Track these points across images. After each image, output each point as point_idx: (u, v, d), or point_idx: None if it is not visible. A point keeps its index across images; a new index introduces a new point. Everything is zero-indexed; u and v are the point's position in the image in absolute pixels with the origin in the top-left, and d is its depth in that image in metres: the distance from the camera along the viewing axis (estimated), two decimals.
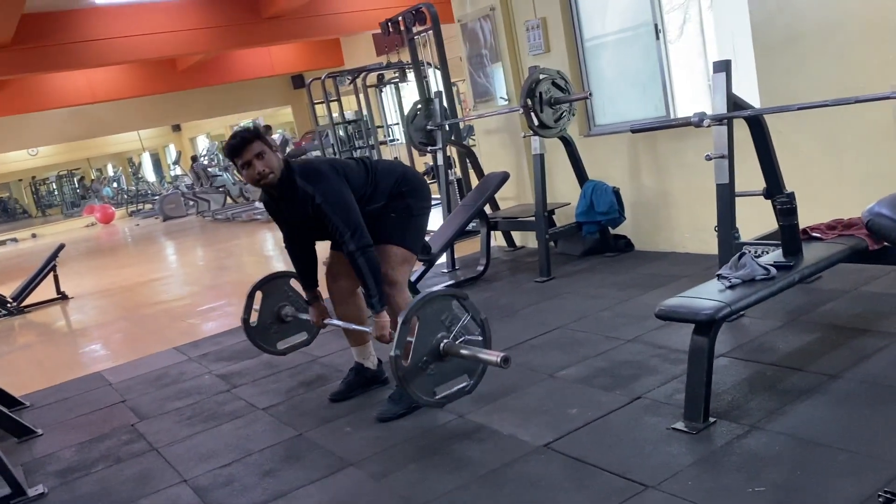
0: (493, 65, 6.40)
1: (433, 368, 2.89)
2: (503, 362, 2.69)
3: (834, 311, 3.67)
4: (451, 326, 2.91)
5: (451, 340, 2.89)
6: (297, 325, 4.07)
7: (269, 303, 3.99)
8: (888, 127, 3.89)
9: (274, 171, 3.18)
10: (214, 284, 8.11)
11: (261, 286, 3.97)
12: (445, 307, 2.92)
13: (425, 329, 2.85)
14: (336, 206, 3.18)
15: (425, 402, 2.90)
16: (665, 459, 2.56)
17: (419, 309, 2.85)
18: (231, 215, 14.47)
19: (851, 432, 2.51)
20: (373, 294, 3.20)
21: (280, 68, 14.26)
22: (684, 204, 5.28)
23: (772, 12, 4.40)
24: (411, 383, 2.84)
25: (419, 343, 2.84)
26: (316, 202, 3.16)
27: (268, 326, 4.02)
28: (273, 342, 4.05)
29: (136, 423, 3.91)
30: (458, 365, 2.95)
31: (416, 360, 2.84)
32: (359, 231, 3.18)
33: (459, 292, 2.98)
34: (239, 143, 3.15)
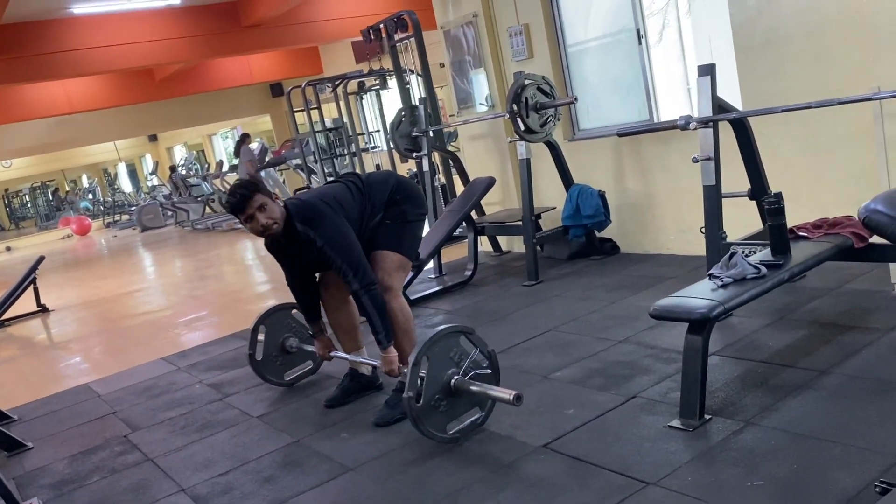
0: (473, 70, 6.45)
1: (445, 405, 2.93)
2: (516, 400, 2.73)
3: (819, 308, 3.74)
4: (460, 362, 2.95)
5: (462, 376, 2.93)
6: (301, 356, 4.11)
7: (273, 336, 4.04)
8: (867, 127, 3.97)
9: (277, 221, 3.23)
10: (197, 294, 8.06)
11: (263, 320, 4.01)
12: (454, 343, 2.96)
13: (435, 367, 2.89)
14: (338, 246, 3.21)
15: (439, 438, 2.93)
16: (663, 457, 2.60)
17: (428, 349, 2.88)
18: (211, 225, 14.38)
19: (844, 426, 2.57)
20: (379, 331, 3.23)
21: (259, 77, 14.21)
22: (668, 206, 5.35)
23: (752, 16, 4.49)
24: (425, 423, 2.87)
25: (430, 382, 2.87)
26: (318, 245, 3.20)
27: (273, 359, 4.05)
28: (280, 374, 4.08)
29: (128, 434, 3.89)
30: (469, 398, 2.99)
31: (428, 399, 2.86)
32: (361, 269, 3.21)
33: (466, 327, 3.02)
34: (239, 200, 3.19)
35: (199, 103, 15.90)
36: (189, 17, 9.42)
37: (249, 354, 4.02)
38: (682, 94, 6.79)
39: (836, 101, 3.33)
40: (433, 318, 4.95)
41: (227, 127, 20.52)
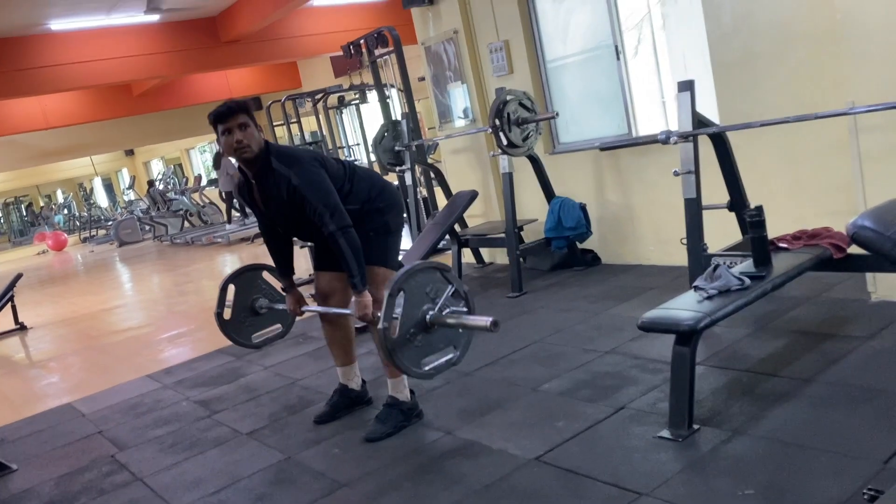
0: (450, 85, 6.51)
1: (420, 340, 2.88)
2: (493, 326, 2.68)
3: (799, 317, 3.82)
4: (435, 298, 2.89)
5: (437, 312, 2.89)
6: (271, 317, 4.01)
7: (243, 296, 3.93)
8: (843, 141, 4.07)
9: (251, 147, 3.14)
10: (179, 310, 8.02)
11: (233, 279, 3.91)
12: (429, 279, 2.91)
13: (411, 301, 2.84)
14: (313, 187, 3.15)
15: (414, 373, 2.88)
16: (655, 467, 2.65)
17: (404, 282, 2.84)
18: (190, 239, 14.30)
19: (830, 433, 2.63)
20: (355, 274, 3.15)
21: (237, 91, 14.18)
22: (648, 218, 5.43)
23: (727, 32, 4.59)
24: (400, 356, 2.82)
25: (406, 315, 2.82)
26: (292, 184, 3.13)
27: (242, 320, 3.94)
28: (247, 335, 3.97)
29: (115, 454, 3.86)
30: (445, 336, 2.93)
31: (403, 333, 2.81)
32: (338, 212, 3.15)
33: (442, 264, 2.98)
34: (225, 110, 3.14)
35: (177, 118, 15.85)
36: (168, 33, 9.42)
37: (217, 314, 3.90)
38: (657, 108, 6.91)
39: (814, 116, 3.43)
40: None
41: (205, 141, 20.42)
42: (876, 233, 1.51)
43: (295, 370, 4.69)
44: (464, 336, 2.99)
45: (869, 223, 1.54)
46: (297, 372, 4.64)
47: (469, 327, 2.90)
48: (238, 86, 14.04)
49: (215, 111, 3.19)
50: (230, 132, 3.13)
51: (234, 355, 5.33)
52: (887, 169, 3.61)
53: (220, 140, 3.21)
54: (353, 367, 3.75)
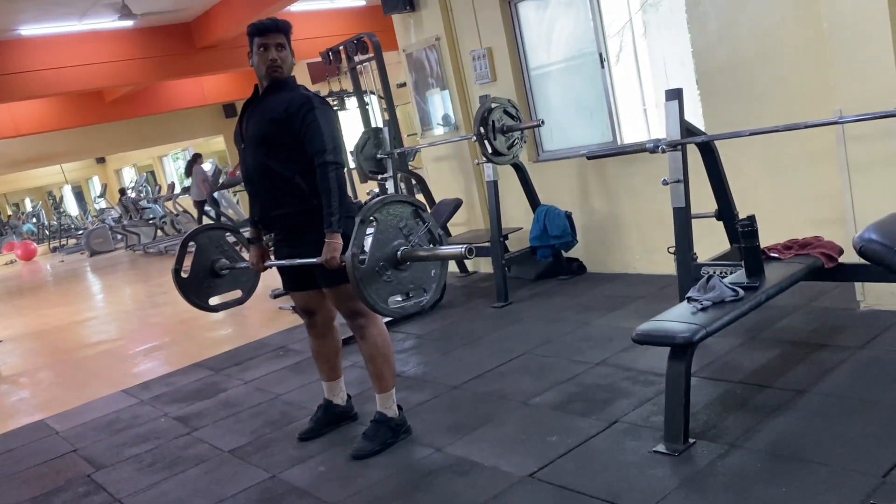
0: (429, 92, 6.46)
1: (390, 276, 2.79)
2: (468, 252, 2.60)
3: (790, 327, 3.80)
4: (408, 236, 2.81)
5: (410, 247, 2.80)
6: (231, 281, 3.84)
7: (203, 255, 3.73)
8: (829, 149, 4.07)
9: (283, 69, 3.12)
10: (154, 322, 7.85)
11: (194, 236, 3.73)
12: (403, 214, 2.82)
13: (383, 233, 2.75)
14: (328, 118, 3.07)
15: (382, 308, 2.78)
16: (651, 483, 2.59)
17: (377, 210, 2.75)
18: (164, 248, 14.06)
19: (828, 446, 2.59)
20: (333, 212, 3.00)
21: (212, 98, 14.03)
22: (633, 226, 5.41)
23: (712, 41, 4.58)
24: (368, 287, 2.73)
25: (377, 245, 2.73)
26: (312, 104, 3.05)
27: (200, 280, 3.74)
28: (205, 297, 3.79)
29: (92, 474, 3.73)
30: (415, 276, 2.84)
31: (373, 264, 2.72)
32: (339, 149, 3.07)
33: (417, 201, 2.91)
34: (270, 24, 3.11)
35: (150, 125, 15.63)
36: (142, 39, 9.26)
37: (175, 269, 3.69)
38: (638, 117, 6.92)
39: (804, 125, 3.41)
40: (404, 342, 4.89)
41: (178, 148, 20.17)
42: (883, 246, 1.48)
43: (276, 384, 4.59)
44: (435, 280, 2.89)
45: (876, 236, 1.50)
46: (278, 386, 4.53)
47: (442, 257, 2.82)
48: (213, 92, 13.88)
49: (258, 23, 3.14)
50: (266, 48, 3.10)
51: (212, 369, 5.21)
52: (874, 178, 3.61)
53: (254, 54, 3.15)
54: (338, 382, 3.66)
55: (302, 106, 3.07)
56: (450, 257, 2.74)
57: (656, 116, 6.10)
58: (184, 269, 3.75)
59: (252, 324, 6.46)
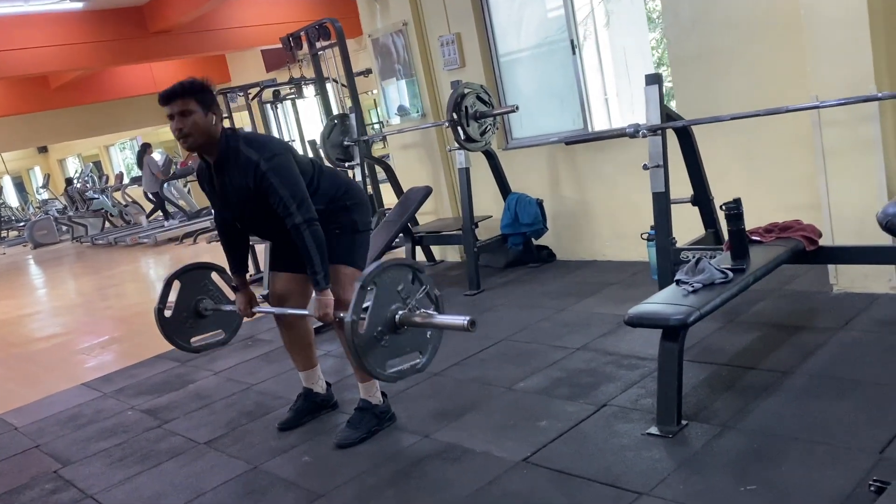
0: (384, 83, 6.39)
1: (387, 340, 2.74)
2: (470, 325, 2.55)
3: (767, 310, 3.85)
4: (406, 299, 2.76)
5: (408, 311, 2.76)
6: (215, 322, 3.76)
7: (187, 295, 3.66)
8: (800, 136, 4.14)
9: (192, 136, 2.94)
10: (107, 315, 7.58)
11: (179, 276, 3.64)
12: (401, 278, 2.77)
13: (381, 299, 2.70)
14: (282, 175, 2.96)
15: (378, 374, 2.74)
16: (649, 465, 2.58)
17: (377, 276, 2.70)
18: (114, 240, 13.65)
19: (820, 425, 2.62)
20: (318, 271, 2.97)
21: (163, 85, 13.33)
22: (604, 213, 5.42)
23: (686, 28, 4.61)
24: (366, 354, 2.68)
25: (375, 312, 2.68)
26: (261, 169, 2.93)
27: (183, 320, 3.67)
28: (187, 337, 3.70)
29: (58, 470, 3.57)
30: (412, 339, 2.81)
31: (371, 331, 2.67)
32: (305, 203, 2.98)
33: (416, 263, 2.86)
34: (168, 93, 2.95)
35: (97, 113, 15.11)
36: (92, 22, 8.92)
37: (158, 309, 3.61)
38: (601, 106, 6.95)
39: (785, 109, 3.45)
40: None
41: (126, 137, 19.58)
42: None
43: (248, 375, 4.46)
44: (431, 342, 2.86)
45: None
46: (250, 377, 4.42)
47: (443, 327, 2.78)
48: (163, 79, 13.41)
49: (162, 92, 2.99)
50: (172, 118, 2.95)
51: (177, 360, 5.05)
52: (848, 162, 3.67)
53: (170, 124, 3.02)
54: (315, 370, 3.57)
55: (255, 174, 2.96)
56: (450, 328, 2.71)
57: (617, 105, 6.14)
58: (167, 307, 3.65)
59: None
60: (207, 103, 2.97)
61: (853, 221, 3.65)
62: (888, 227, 1.57)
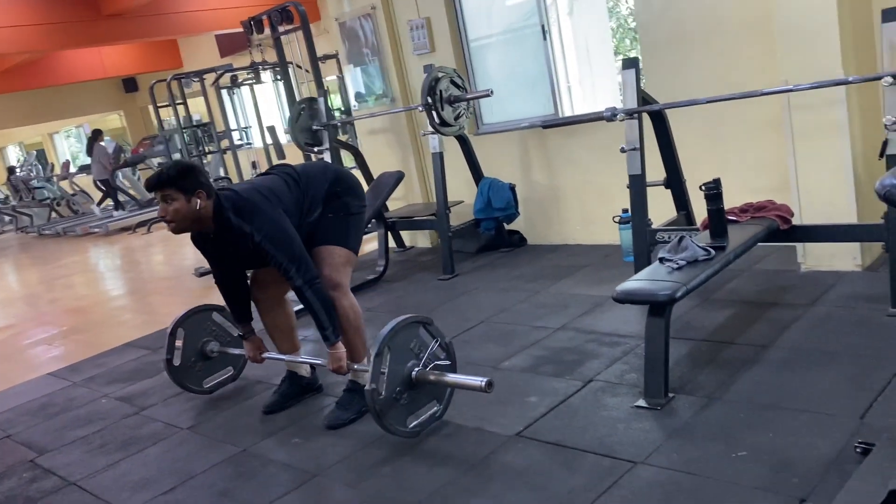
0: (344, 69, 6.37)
1: (406, 398, 2.85)
2: (487, 387, 2.68)
3: (739, 288, 3.97)
4: (419, 354, 2.87)
5: (423, 368, 2.86)
6: (222, 361, 3.85)
7: (192, 340, 3.74)
8: (768, 120, 4.27)
9: (177, 222, 2.99)
10: (64, 305, 7.39)
11: (182, 323, 3.71)
12: (413, 334, 2.89)
13: (396, 359, 2.80)
14: (277, 241, 3.01)
15: (400, 433, 2.84)
16: (641, 436, 2.66)
17: (390, 339, 2.78)
18: (62, 230, 13.27)
19: (802, 395, 2.73)
20: (326, 327, 3.07)
21: (113, 70, 13.26)
22: (574, 198, 5.50)
23: (656, 13, 4.70)
24: (386, 416, 2.78)
25: (392, 374, 2.77)
26: (255, 240, 2.99)
27: (192, 365, 3.75)
28: (199, 381, 3.78)
29: (35, 458, 3.49)
30: (428, 391, 2.92)
31: (389, 392, 2.77)
32: (304, 264, 3.04)
33: (425, 318, 2.94)
34: (153, 181, 2.99)
35: (41, 99, 14.64)
36: (42, 3, 8.61)
37: (167, 360, 3.69)
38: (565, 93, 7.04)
39: (759, 93, 3.55)
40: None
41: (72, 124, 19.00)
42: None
43: None
44: (446, 389, 2.97)
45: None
46: None
47: (460, 386, 2.88)
48: (113, 65, 13.13)
49: (149, 178, 3.08)
50: (160, 203, 3.01)
51: (147, 349, 4.97)
52: (817, 145, 3.81)
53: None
54: (298, 354, 3.56)
55: (251, 243, 3.01)
56: (467, 388, 2.79)
57: (580, 93, 6.22)
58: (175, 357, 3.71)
59: (179, 303, 6.14)
60: (189, 188, 2.97)
61: (821, 202, 3.80)
62: (886, 197, 1.65)
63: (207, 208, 3.00)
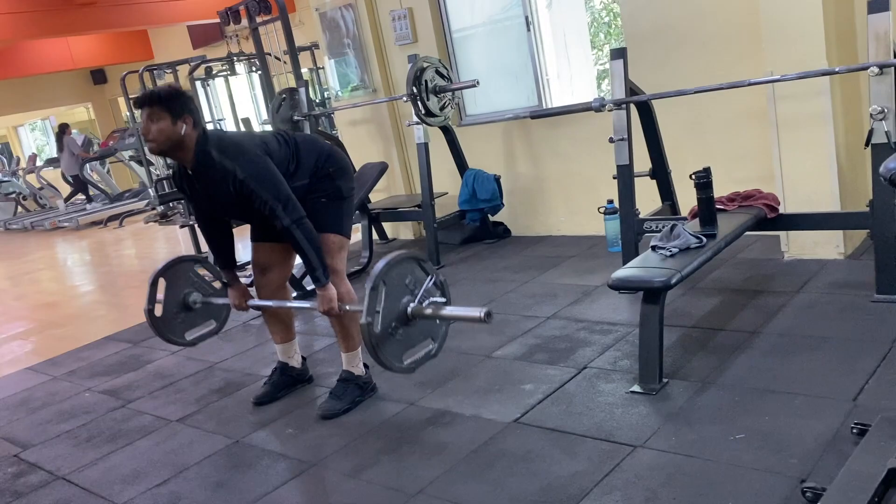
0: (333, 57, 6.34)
1: (401, 334, 2.77)
2: (486, 317, 2.60)
3: (724, 277, 4.02)
4: (414, 290, 2.80)
5: (418, 304, 2.80)
6: (204, 313, 3.72)
7: (174, 291, 3.61)
8: (750, 111, 4.33)
9: (158, 142, 2.91)
10: (38, 300, 7.25)
11: (164, 273, 3.58)
12: (408, 270, 2.80)
13: (392, 295, 2.72)
14: (262, 179, 2.93)
15: (397, 368, 2.77)
16: (638, 420, 2.69)
17: (385, 274, 2.72)
18: (30, 224, 13.00)
19: (794, 378, 2.78)
20: (316, 267, 2.98)
21: (81, 62, 13.00)
22: (558, 189, 5.53)
23: (641, 5, 4.73)
24: (382, 350, 2.71)
25: (388, 309, 2.70)
26: (238, 178, 2.91)
27: (174, 316, 3.62)
28: (181, 332, 3.65)
29: (20, 453, 3.42)
30: (423, 329, 2.85)
31: (385, 327, 2.70)
32: (290, 203, 2.96)
33: (419, 254, 2.89)
34: (140, 98, 2.93)
35: (6, 90, 14.26)
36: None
37: (148, 310, 3.55)
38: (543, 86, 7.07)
39: (747, 83, 3.60)
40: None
41: (37, 117, 18.60)
42: None
43: (208, 353, 4.35)
44: (441, 327, 2.93)
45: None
46: (211, 355, 4.32)
47: (458, 320, 2.84)
48: (82, 56, 12.86)
49: (137, 96, 3.01)
50: (144, 121, 2.93)
51: (129, 342, 4.90)
52: (801, 135, 3.87)
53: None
54: (292, 343, 3.54)
55: (234, 183, 2.93)
56: (466, 320, 2.75)
57: (558, 86, 6.25)
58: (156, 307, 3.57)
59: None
60: (176, 111, 2.91)
61: (805, 191, 3.86)
62: (892, 180, 1.67)
63: (191, 137, 2.94)
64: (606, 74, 11.62)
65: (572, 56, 6.60)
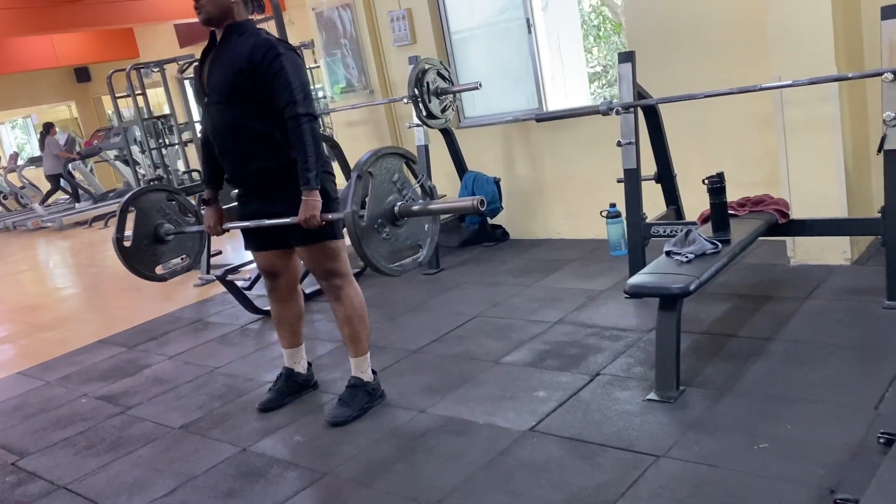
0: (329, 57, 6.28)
1: (388, 233, 2.71)
2: (480, 204, 2.55)
3: (731, 282, 4.00)
4: (402, 190, 2.73)
5: (406, 202, 2.72)
6: (177, 247, 3.61)
7: (145, 221, 3.48)
8: (755, 115, 4.32)
9: (206, 8, 2.90)
10: (25, 301, 7.12)
11: (133, 201, 3.45)
12: (396, 167, 2.73)
13: (378, 188, 2.64)
14: (296, 66, 2.90)
15: (383, 267, 2.70)
16: (658, 429, 2.65)
17: (372, 164, 2.63)
18: (12, 224, 12.78)
19: (812, 386, 2.76)
20: (310, 167, 2.83)
21: (65, 59, 12.82)
22: (557, 192, 5.49)
23: (644, 9, 4.71)
24: (368, 245, 2.64)
25: (374, 201, 2.63)
26: (277, 50, 2.85)
27: (144, 248, 3.49)
28: (150, 266, 3.54)
29: (17, 462, 3.33)
30: (411, 232, 2.79)
31: (371, 221, 2.62)
32: (310, 98, 2.91)
33: (409, 153, 2.82)
34: None
35: None
36: None
37: (117, 238, 3.41)
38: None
39: (757, 88, 3.59)
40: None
41: (18, 115, 18.32)
42: None
43: (208, 358, 4.29)
44: (429, 234, 2.86)
45: None
46: (210, 360, 4.24)
47: (450, 211, 2.77)
48: (66, 54, 12.69)
49: None
50: None
51: (123, 345, 4.80)
52: (808, 140, 3.85)
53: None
54: (300, 349, 3.47)
55: (266, 53, 2.87)
56: (461, 210, 2.68)
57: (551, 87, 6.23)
58: (125, 238, 3.42)
59: (146, 300, 5.95)
60: None
61: (813, 197, 3.85)
62: None
63: (240, 10, 2.96)
64: (597, 77, 11.68)
65: (566, 58, 6.59)
